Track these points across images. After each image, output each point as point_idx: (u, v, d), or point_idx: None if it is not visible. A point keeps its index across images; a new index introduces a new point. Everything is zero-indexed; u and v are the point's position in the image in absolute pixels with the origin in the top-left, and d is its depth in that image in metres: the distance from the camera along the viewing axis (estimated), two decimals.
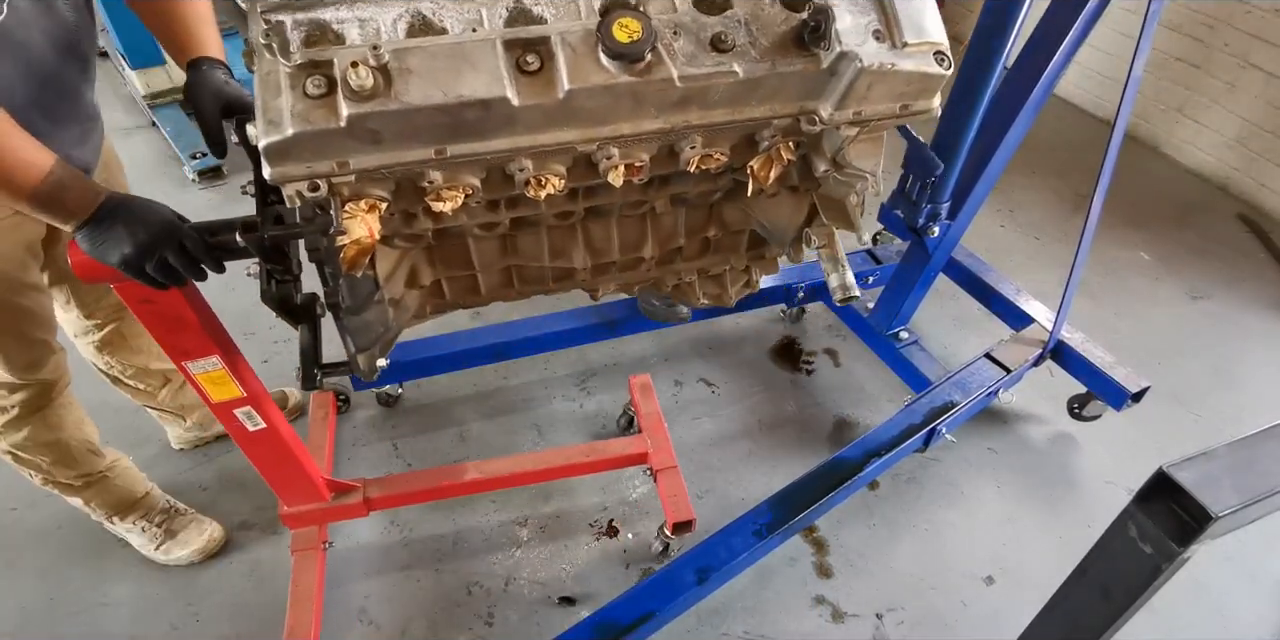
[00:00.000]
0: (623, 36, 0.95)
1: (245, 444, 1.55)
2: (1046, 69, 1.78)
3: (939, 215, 2.08)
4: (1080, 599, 0.98)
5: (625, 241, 1.38)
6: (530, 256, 1.35)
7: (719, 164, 1.14)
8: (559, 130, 1.02)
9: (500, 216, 1.21)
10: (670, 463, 2.04)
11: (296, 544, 1.86)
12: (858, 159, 1.14)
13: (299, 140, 0.92)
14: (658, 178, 1.23)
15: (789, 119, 1.09)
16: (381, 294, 1.22)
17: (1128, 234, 3.26)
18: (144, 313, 1.21)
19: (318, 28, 0.95)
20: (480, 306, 1.44)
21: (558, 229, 1.33)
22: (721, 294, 1.62)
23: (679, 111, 1.04)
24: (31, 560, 1.98)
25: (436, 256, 1.32)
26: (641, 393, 2.21)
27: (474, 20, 0.98)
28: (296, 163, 0.95)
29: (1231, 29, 3.42)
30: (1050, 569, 1.23)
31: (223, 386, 1.37)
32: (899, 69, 1.04)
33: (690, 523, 1.94)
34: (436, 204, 1.05)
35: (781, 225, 1.36)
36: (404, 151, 0.98)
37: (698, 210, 1.40)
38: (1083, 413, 2.40)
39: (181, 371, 1.33)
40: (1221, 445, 0.81)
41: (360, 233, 1.01)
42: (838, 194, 1.25)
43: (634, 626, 1.67)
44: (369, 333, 1.23)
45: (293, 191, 0.97)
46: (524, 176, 1.05)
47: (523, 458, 2.02)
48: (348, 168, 0.97)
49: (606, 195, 1.24)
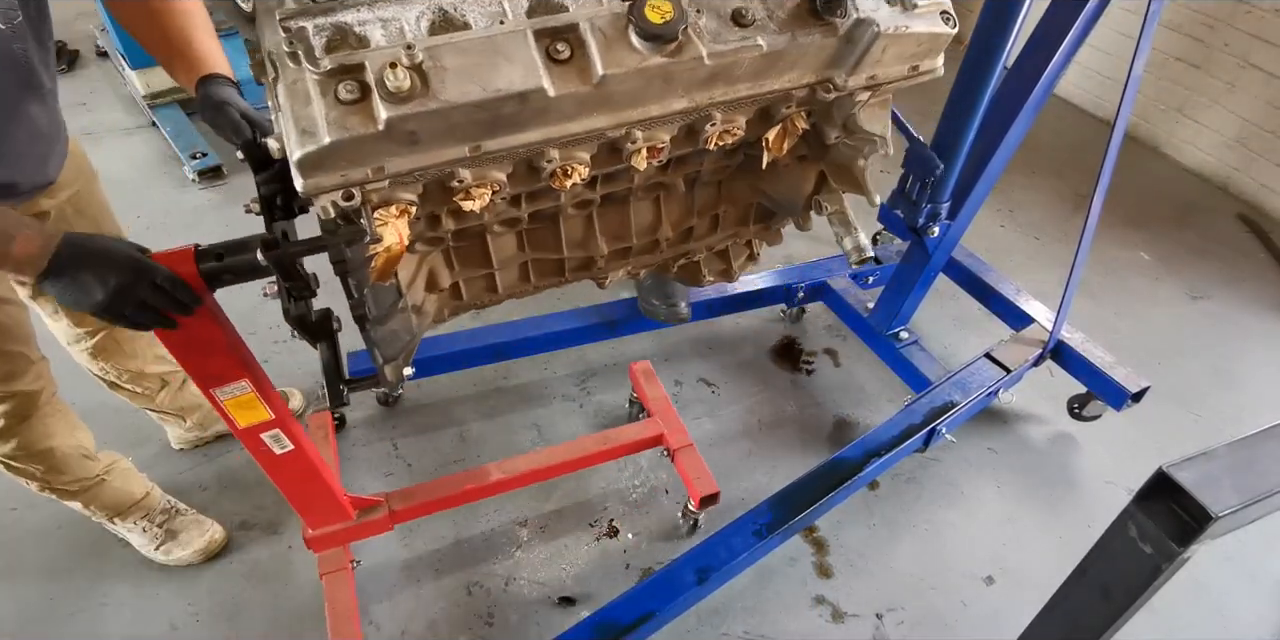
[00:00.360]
0: (656, 17, 0.95)
1: (271, 468, 1.48)
2: (1046, 69, 1.78)
3: (939, 215, 2.08)
4: (1080, 599, 0.98)
5: (641, 226, 1.38)
6: (549, 249, 1.35)
7: (736, 139, 1.15)
8: (590, 117, 1.02)
9: (521, 211, 1.21)
10: (686, 441, 2.08)
11: (325, 567, 1.81)
12: (868, 122, 1.16)
13: (336, 148, 0.90)
14: (675, 158, 1.24)
15: (806, 89, 1.11)
16: (405, 302, 1.21)
17: (1128, 234, 3.26)
18: (170, 341, 1.15)
19: (339, 31, 0.94)
20: (495, 304, 1.43)
21: (575, 219, 1.33)
22: (727, 269, 1.63)
23: (705, 89, 1.05)
24: (31, 560, 1.98)
25: (455, 258, 1.32)
26: (645, 378, 2.24)
27: (497, 13, 0.97)
28: (330, 172, 0.92)
29: (1231, 29, 3.42)
30: (1050, 569, 1.23)
31: (251, 410, 1.31)
32: (912, 31, 1.06)
33: (715, 495, 1.97)
34: (465, 203, 1.04)
35: (791, 195, 1.36)
36: (440, 151, 0.97)
37: (708, 188, 1.40)
38: (1083, 413, 2.40)
39: (209, 398, 1.27)
40: (1221, 445, 0.81)
41: (392, 240, 0.99)
42: (847, 160, 1.27)
43: (634, 626, 1.67)
44: (395, 342, 1.21)
45: (326, 203, 0.94)
46: (551, 167, 1.05)
47: (541, 453, 2.01)
48: (383, 173, 0.95)
49: (624, 181, 1.24)
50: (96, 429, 1.84)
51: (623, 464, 2.27)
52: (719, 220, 1.47)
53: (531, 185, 1.11)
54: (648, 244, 1.43)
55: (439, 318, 1.37)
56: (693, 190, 1.38)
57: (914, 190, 2.02)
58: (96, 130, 3.52)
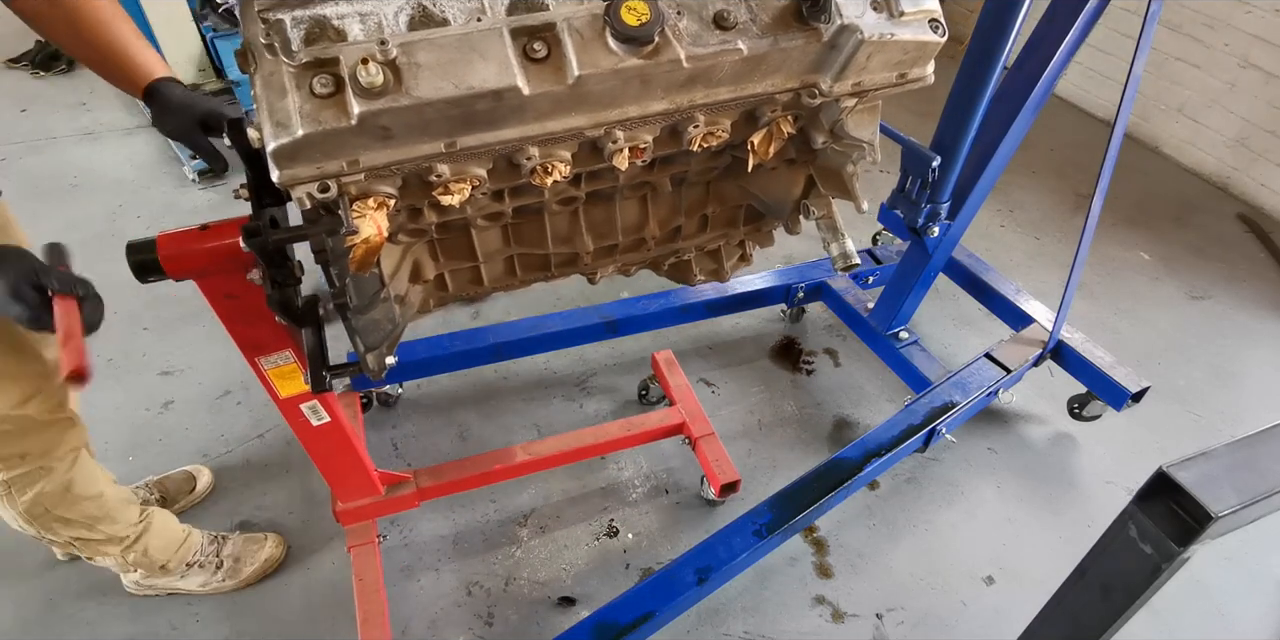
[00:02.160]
0: (631, 20, 0.94)
1: (308, 439, 1.55)
2: (1046, 69, 1.78)
3: (939, 215, 2.08)
4: (1080, 599, 0.97)
5: (627, 224, 1.38)
6: (534, 244, 1.35)
7: (720, 142, 1.14)
8: (567, 116, 1.01)
9: (504, 206, 1.21)
10: (708, 430, 2.13)
11: (353, 540, 1.87)
12: (855, 129, 1.15)
13: (309, 141, 0.90)
14: (659, 158, 1.23)
15: (790, 93, 1.10)
16: (387, 292, 1.22)
17: (1128, 234, 3.26)
18: (226, 308, 1.22)
19: (318, 24, 0.94)
20: (482, 296, 1.44)
21: (560, 215, 1.33)
22: (718, 269, 1.62)
23: (685, 92, 1.04)
24: (31, 560, 1.98)
25: (439, 250, 1.32)
26: (668, 367, 2.29)
27: (475, 9, 0.98)
28: (306, 164, 0.93)
29: (1231, 29, 3.42)
30: (1050, 569, 1.23)
31: (292, 381, 1.38)
32: (898, 38, 1.05)
33: (736, 483, 2.02)
34: (444, 197, 1.04)
35: (779, 198, 1.36)
36: (415, 146, 0.97)
37: (696, 188, 1.40)
38: (1083, 413, 2.40)
39: (252, 367, 1.33)
40: (1221, 445, 0.81)
41: (370, 232, 1.00)
42: (835, 165, 1.26)
43: (634, 626, 1.67)
44: (377, 331, 1.22)
45: (302, 194, 0.95)
46: (531, 164, 1.05)
47: (565, 437, 2.06)
48: (358, 166, 0.96)
49: (609, 179, 1.24)
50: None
51: (623, 463, 2.27)
52: (708, 221, 1.47)
53: (513, 181, 1.11)
54: (634, 242, 1.42)
55: (424, 308, 1.37)
56: (679, 190, 1.37)
57: (914, 190, 2.02)
58: (96, 130, 3.52)
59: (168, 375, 2.47)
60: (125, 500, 1.70)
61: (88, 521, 1.61)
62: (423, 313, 1.41)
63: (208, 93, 3.73)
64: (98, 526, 1.63)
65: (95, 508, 1.60)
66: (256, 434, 2.30)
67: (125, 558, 1.72)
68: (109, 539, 1.67)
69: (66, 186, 3.26)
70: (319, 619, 1.88)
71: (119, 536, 1.68)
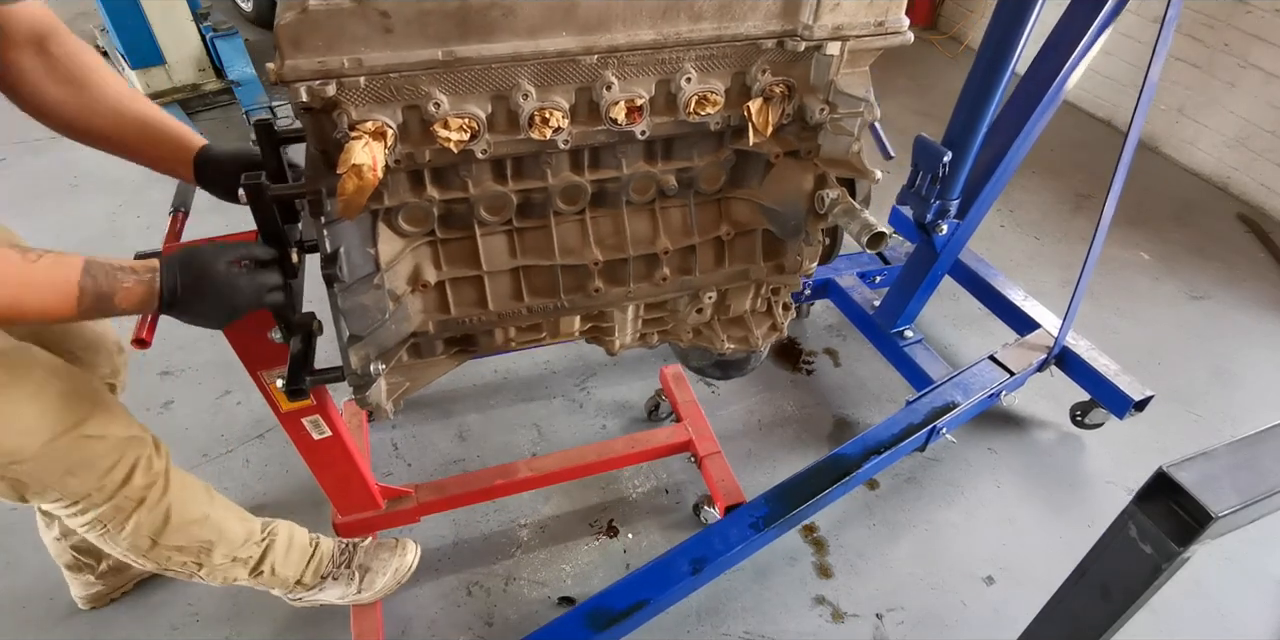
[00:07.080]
0: None
1: (309, 453, 1.52)
2: (1060, 73, 1.80)
3: (948, 212, 2.08)
4: (1080, 599, 0.98)
5: (637, 235, 1.37)
6: (540, 253, 1.34)
7: (716, 108, 1.18)
8: (557, 33, 1.06)
9: (508, 187, 1.22)
10: (714, 449, 2.09)
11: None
12: (848, 87, 1.18)
13: (313, 19, 0.94)
14: (661, 145, 1.26)
15: (774, 40, 1.15)
16: (381, 278, 1.21)
17: (1128, 234, 3.27)
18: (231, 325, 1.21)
19: None
20: (487, 328, 1.41)
21: (567, 221, 1.33)
22: (747, 336, 1.62)
23: (670, 21, 1.09)
24: (31, 560, 1.98)
25: (442, 254, 1.31)
26: (675, 383, 2.26)
27: None
28: (309, 54, 0.97)
29: (1231, 29, 3.42)
30: (1050, 569, 1.23)
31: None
32: None
33: (740, 505, 1.96)
34: (444, 132, 1.07)
35: (792, 200, 1.36)
36: (414, 50, 1.01)
37: (706, 206, 1.40)
38: (1085, 420, 2.40)
39: (255, 380, 1.31)
40: (1221, 445, 0.81)
41: (364, 159, 1.00)
42: (839, 148, 1.28)
43: (628, 613, 1.67)
44: (365, 317, 1.21)
45: (303, 89, 0.99)
46: (530, 106, 1.09)
47: (569, 453, 2.03)
48: (360, 66, 1.00)
49: (615, 166, 1.25)
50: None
51: None
52: (724, 248, 1.46)
53: (512, 135, 1.14)
54: (646, 261, 1.41)
55: (422, 327, 1.36)
56: (689, 199, 1.37)
57: (924, 185, 2.02)
58: None
59: (168, 375, 2.47)
60: (239, 517, 1.59)
61: (202, 546, 1.50)
62: (420, 332, 1.36)
63: (209, 93, 3.73)
64: (216, 550, 1.52)
65: (206, 531, 1.49)
66: (256, 434, 2.30)
67: (256, 580, 1.64)
68: (234, 561, 1.57)
69: (66, 186, 3.26)
70: (319, 618, 1.88)
71: (243, 557, 1.59)
